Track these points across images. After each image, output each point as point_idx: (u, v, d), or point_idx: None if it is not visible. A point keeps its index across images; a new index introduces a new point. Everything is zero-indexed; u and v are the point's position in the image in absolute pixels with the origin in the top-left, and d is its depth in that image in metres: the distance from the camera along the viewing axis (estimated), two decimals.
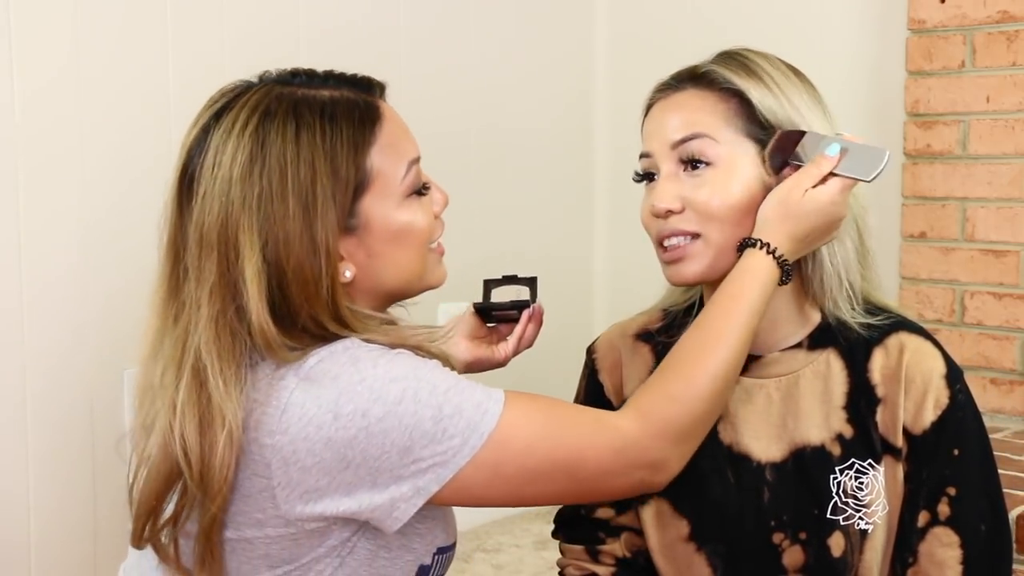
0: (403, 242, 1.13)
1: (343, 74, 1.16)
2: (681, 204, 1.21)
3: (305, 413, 1.03)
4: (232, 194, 1.06)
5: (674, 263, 1.23)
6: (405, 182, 1.13)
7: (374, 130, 1.11)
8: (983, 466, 1.25)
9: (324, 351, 1.06)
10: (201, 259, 1.07)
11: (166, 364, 1.09)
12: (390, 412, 1.03)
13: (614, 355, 1.36)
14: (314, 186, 1.06)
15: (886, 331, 1.27)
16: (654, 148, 1.24)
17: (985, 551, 1.23)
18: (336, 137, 1.08)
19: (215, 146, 1.08)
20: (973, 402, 1.26)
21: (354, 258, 1.11)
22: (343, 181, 1.08)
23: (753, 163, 1.21)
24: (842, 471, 1.25)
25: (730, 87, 1.22)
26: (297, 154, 1.06)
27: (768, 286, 1.18)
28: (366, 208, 1.10)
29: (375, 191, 1.11)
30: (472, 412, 1.06)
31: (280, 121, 1.07)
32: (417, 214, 1.14)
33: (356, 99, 1.13)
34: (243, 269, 1.05)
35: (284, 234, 1.06)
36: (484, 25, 2.55)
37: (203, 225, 1.07)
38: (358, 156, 1.09)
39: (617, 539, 1.35)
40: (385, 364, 1.05)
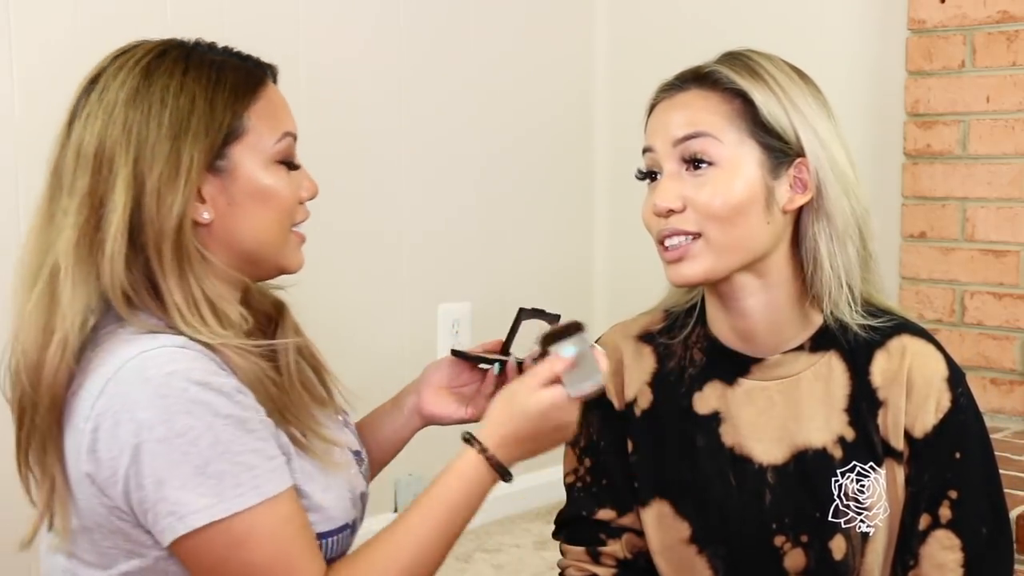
0: (264, 202, 1.17)
1: (243, 52, 1.22)
2: (683, 203, 1.21)
3: (112, 405, 1.06)
4: (114, 115, 1.12)
5: (675, 263, 1.23)
6: (276, 147, 1.17)
7: (256, 92, 1.17)
8: (985, 469, 1.25)
9: (150, 342, 1.08)
10: (76, 173, 1.12)
11: (25, 275, 1.14)
12: (168, 439, 1.05)
13: (616, 356, 1.36)
14: (190, 116, 1.12)
15: (888, 333, 1.26)
16: (657, 144, 1.24)
17: (986, 554, 1.23)
18: (219, 83, 1.14)
19: (105, 78, 1.14)
20: (975, 405, 1.26)
21: (215, 203, 1.14)
22: (217, 120, 1.13)
23: (755, 165, 1.21)
24: (843, 474, 1.25)
25: (734, 88, 1.22)
26: (180, 88, 1.12)
27: (477, 485, 1.15)
28: (236, 155, 1.15)
29: (247, 143, 1.15)
30: (230, 488, 1.06)
31: (171, 60, 1.14)
32: (282, 182, 1.18)
33: (249, 67, 1.19)
34: (113, 183, 1.10)
35: (152, 153, 1.10)
36: (484, 25, 2.55)
37: (82, 142, 1.12)
38: (236, 104, 1.14)
39: (618, 540, 1.34)
40: (193, 394, 1.06)
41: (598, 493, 1.35)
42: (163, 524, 1.06)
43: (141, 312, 1.11)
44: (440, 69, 2.46)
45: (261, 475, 1.08)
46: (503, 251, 2.64)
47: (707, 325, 1.32)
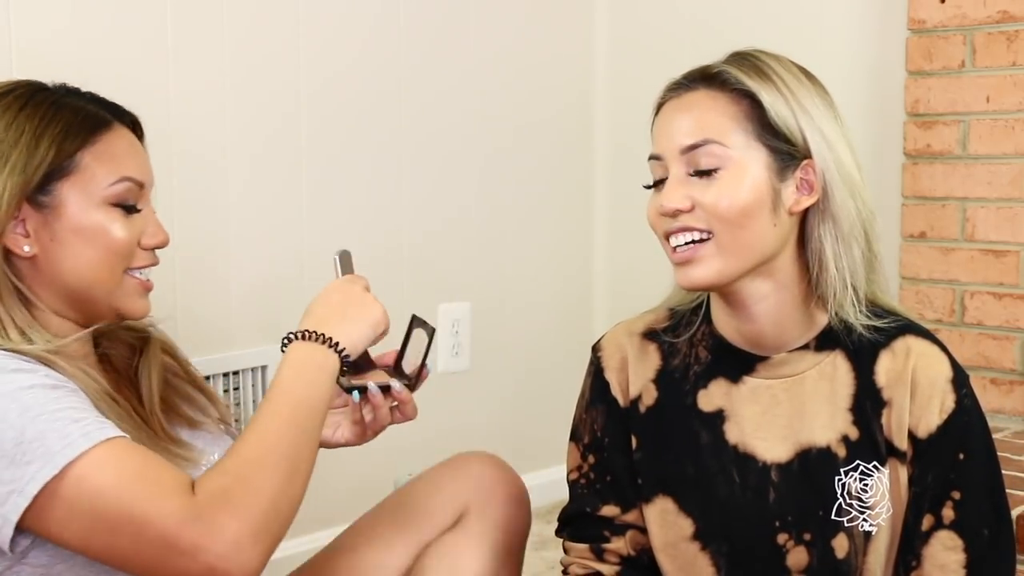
0: (89, 241, 1.18)
1: (103, 99, 1.25)
2: (690, 203, 1.21)
3: None
4: None
5: (684, 265, 1.23)
6: (111, 189, 1.19)
7: (94, 134, 1.19)
8: (987, 470, 1.25)
9: None
10: None
11: None
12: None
13: (621, 353, 1.36)
14: (11, 151, 1.15)
15: (893, 334, 1.27)
16: (664, 152, 1.24)
17: (988, 555, 1.24)
18: (51, 123, 1.17)
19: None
20: (979, 406, 1.26)
21: (39, 237, 1.17)
22: (39, 156, 1.16)
23: (762, 167, 1.21)
24: (847, 473, 1.25)
25: (742, 89, 1.22)
26: (11, 124, 1.17)
27: (304, 364, 1.19)
28: (62, 193, 1.17)
29: (75, 182, 1.17)
30: (55, 441, 1.05)
31: (12, 98, 1.19)
32: (114, 225, 1.19)
33: (92, 110, 1.22)
34: None
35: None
36: (484, 25, 2.55)
37: None
38: (64, 143, 1.17)
39: (622, 537, 1.34)
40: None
41: (602, 490, 1.35)
42: (5, 509, 1.04)
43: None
44: (440, 69, 2.46)
45: (90, 424, 1.07)
46: (503, 251, 2.64)
47: (712, 323, 1.32)
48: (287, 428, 1.13)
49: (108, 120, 1.22)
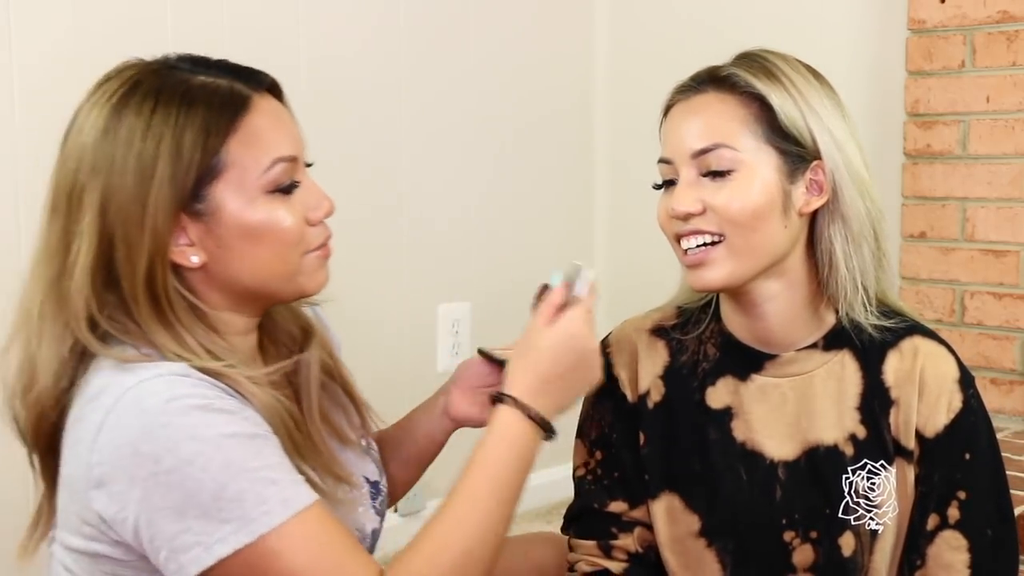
0: (259, 240, 1.10)
1: (235, 65, 1.15)
2: (702, 206, 1.21)
3: (113, 439, 1.03)
4: (83, 159, 1.08)
5: (696, 267, 1.22)
6: (265, 177, 1.10)
7: (235, 120, 1.09)
8: (992, 471, 1.26)
9: (148, 372, 1.05)
10: (50, 220, 1.10)
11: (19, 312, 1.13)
12: (178, 469, 1.00)
13: (630, 349, 1.36)
14: (155, 162, 1.06)
15: (901, 335, 1.27)
16: (674, 156, 1.24)
17: (992, 555, 1.24)
18: (189, 119, 1.08)
19: (82, 114, 1.11)
20: (984, 407, 1.27)
21: (204, 245, 1.10)
22: (185, 162, 1.07)
23: (772, 170, 1.21)
24: (854, 471, 1.25)
25: (751, 91, 1.22)
26: (147, 130, 1.07)
27: (516, 441, 1.11)
28: (217, 195, 1.09)
29: (228, 180, 1.09)
30: (253, 506, 1.01)
31: (140, 96, 1.09)
32: (278, 213, 1.11)
33: (228, 88, 1.11)
34: (80, 231, 1.07)
35: (119, 203, 1.06)
36: (484, 25, 2.55)
37: (57, 187, 1.10)
38: (208, 141, 1.08)
39: (630, 534, 1.34)
40: (196, 418, 1.02)
41: (610, 486, 1.35)
42: (187, 557, 1.01)
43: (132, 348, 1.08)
44: (440, 70, 2.46)
45: (287, 488, 1.03)
46: (503, 251, 2.64)
47: (721, 321, 1.32)
48: (493, 521, 1.09)
49: (245, 96, 1.11)
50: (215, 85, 1.11)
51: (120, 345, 1.08)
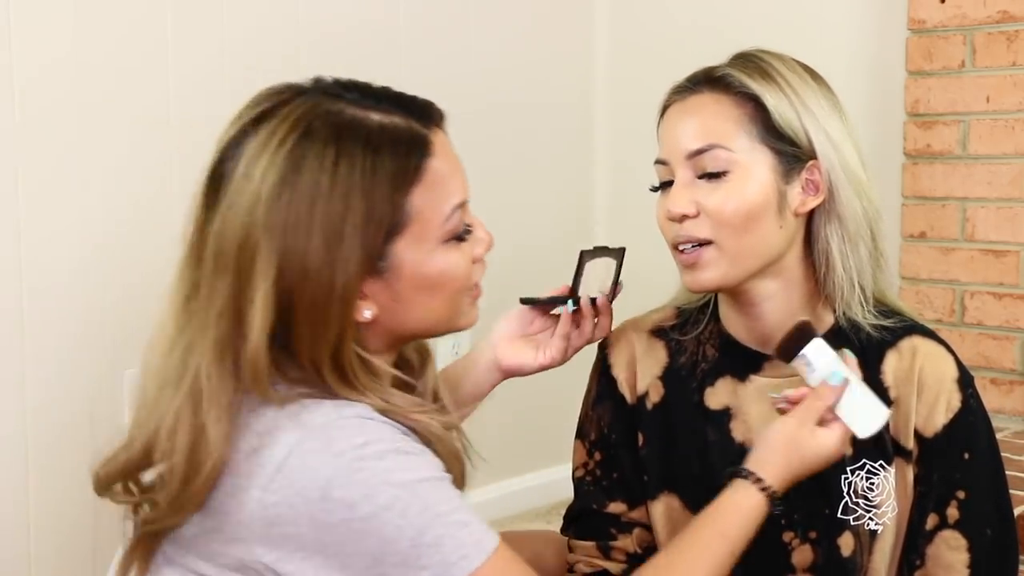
0: (434, 290, 1.06)
1: (400, 95, 1.08)
2: (696, 208, 1.21)
3: (297, 480, 0.98)
4: (256, 213, 0.99)
5: (690, 268, 1.23)
6: (446, 227, 1.05)
7: (420, 167, 1.03)
8: (992, 470, 1.26)
9: (333, 412, 1.00)
10: (215, 276, 1.02)
11: (168, 374, 1.04)
12: (375, 515, 0.97)
13: (629, 349, 1.36)
14: (343, 223, 0.99)
15: (899, 334, 1.27)
16: (670, 157, 1.24)
17: (991, 554, 1.24)
18: (376, 172, 1.00)
19: (249, 155, 1.02)
20: (983, 407, 1.27)
21: (377, 299, 1.04)
22: (376, 221, 1.00)
23: (768, 170, 1.21)
24: (853, 471, 1.25)
25: (746, 91, 1.22)
26: (332, 185, 0.99)
27: (757, 522, 1.14)
28: (399, 251, 1.03)
29: (411, 234, 1.03)
30: (452, 550, 0.98)
31: (320, 144, 1.00)
32: (453, 260, 1.06)
33: (407, 129, 1.04)
34: (253, 295, 0.99)
35: (302, 267, 0.99)
36: (484, 24, 2.55)
37: (223, 239, 1.01)
38: (396, 195, 1.01)
39: (629, 535, 1.34)
40: (391, 461, 0.99)
41: (609, 487, 1.35)
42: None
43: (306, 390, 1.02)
44: (440, 70, 2.46)
45: (477, 530, 1.01)
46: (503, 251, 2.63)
47: (720, 321, 1.32)
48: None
49: (426, 139, 1.04)
50: (395, 127, 1.04)
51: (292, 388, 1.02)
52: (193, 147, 1.98)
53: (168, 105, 1.96)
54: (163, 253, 1.86)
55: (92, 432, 1.82)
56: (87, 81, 1.83)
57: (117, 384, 1.84)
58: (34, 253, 1.76)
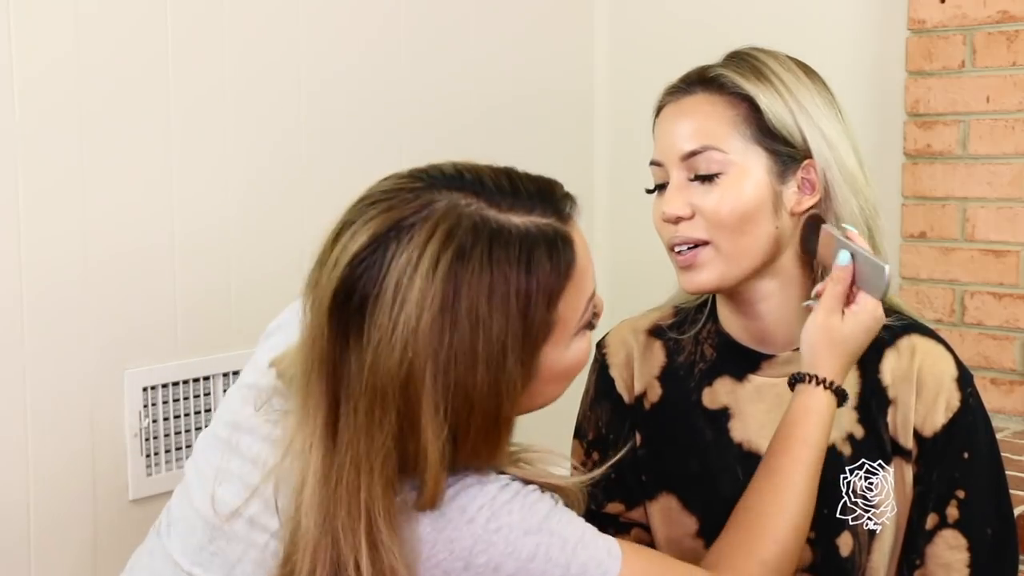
0: (561, 380, 1.04)
1: (535, 185, 1.03)
2: (691, 210, 1.21)
3: (434, 555, 0.97)
4: (417, 346, 0.93)
5: (687, 270, 1.23)
6: (582, 321, 1.02)
7: (569, 273, 0.98)
8: (992, 469, 1.26)
9: (455, 485, 0.98)
10: (374, 412, 0.95)
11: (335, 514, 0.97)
12: (523, 568, 0.98)
13: (626, 350, 1.36)
14: (504, 347, 0.94)
15: (898, 333, 1.27)
16: (664, 159, 1.24)
17: (992, 554, 1.24)
18: (530, 286, 0.95)
19: (397, 278, 0.94)
20: (983, 406, 1.27)
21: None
22: (532, 336, 0.96)
23: (763, 170, 1.21)
24: (852, 471, 1.25)
25: (739, 92, 1.22)
26: (490, 311, 0.94)
27: (831, 420, 1.17)
28: (544, 356, 0.99)
29: (555, 337, 0.99)
30: (595, 570, 1.00)
31: (476, 266, 0.94)
32: (583, 348, 1.04)
33: (552, 234, 0.98)
34: (423, 431, 0.94)
35: (468, 398, 0.95)
36: (484, 25, 2.55)
37: (379, 374, 0.94)
38: (550, 306, 0.97)
39: (627, 535, 1.34)
40: (520, 511, 0.99)
41: (606, 487, 1.35)
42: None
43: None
44: (440, 69, 2.46)
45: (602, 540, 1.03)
46: None
47: (718, 321, 1.32)
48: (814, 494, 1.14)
49: (568, 237, 0.99)
50: (540, 231, 0.98)
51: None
52: (193, 147, 1.99)
53: (168, 105, 1.96)
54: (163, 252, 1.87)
55: (92, 432, 1.82)
56: (87, 81, 1.83)
57: (117, 384, 1.84)
58: (34, 253, 1.76)
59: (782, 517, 1.12)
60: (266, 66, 2.13)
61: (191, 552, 1.11)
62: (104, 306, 1.83)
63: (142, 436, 1.85)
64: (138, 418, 1.85)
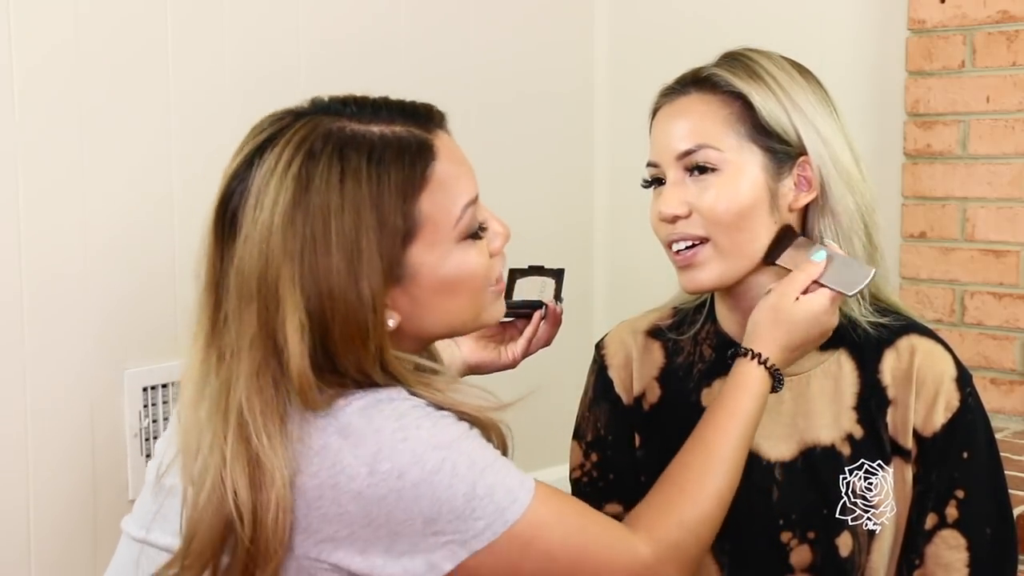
0: (453, 291, 1.07)
1: (399, 103, 1.09)
2: (688, 209, 1.22)
3: (339, 460, 1.00)
4: (273, 242, 1.00)
5: (687, 269, 1.23)
6: (458, 227, 1.06)
7: (426, 173, 1.04)
8: (991, 469, 1.26)
9: (368, 397, 1.02)
10: (241, 309, 1.02)
11: (210, 414, 1.04)
12: (426, 480, 0.99)
13: (625, 351, 1.36)
14: (359, 238, 1.00)
15: (897, 332, 1.27)
16: (660, 159, 1.25)
17: (991, 553, 1.24)
18: (383, 183, 1.01)
19: (258, 185, 1.03)
20: (982, 405, 1.27)
21: (398, 306, 1.05)
22: (390, 231, 1.01)
23: (758, 168, 1.21)
24: (851, 471, 1.25)
25: (732, 90, 1.22)
26: (341, 202, 1.00)
27: (762, 397, 1.17)
28: (414, 257, 1.04)
29: (424, 239, 1.04)
30: (503, 497, 1.02)
31: (325, 164, 1.01)
32: (470, 259, 1.08)
33: (408, 137, 1.05)
34: (284, 322, 1.00)
35: (328, 288, 1.00)
36: (484, 25, 2.55)
37: (243, 272, 1.02)
38: (406, 203, 1.02)
39: None
40: (429, 427, 1.01)
41: (604, 488, 1.35)
42: (440, 555, 1.01)
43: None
44: (440, 69, 2.46)
45: (517, 473, 1.04)
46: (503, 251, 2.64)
47: (717, 322, 1.32)
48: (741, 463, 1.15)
49: (429, 143, 1.06)
50: (396, 136, 1.05)
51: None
52: (194, 146, 1.99)
53: (168, 105, 1.96)
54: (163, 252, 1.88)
55: (92, 432, 1.82)
56: (87, 81, 1.83)
57: (117, 384, 1.84)
58: (34, 253, 1.76)
59: (703, 483, 1.12)
60: (265, 63, 2.13)
61: (142, 519, 1.16)
62: (104, 306, 1.83)
63: (142, 436, 1.85)
64: (138, 418, 1.85)
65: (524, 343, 1.38)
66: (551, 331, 1.39)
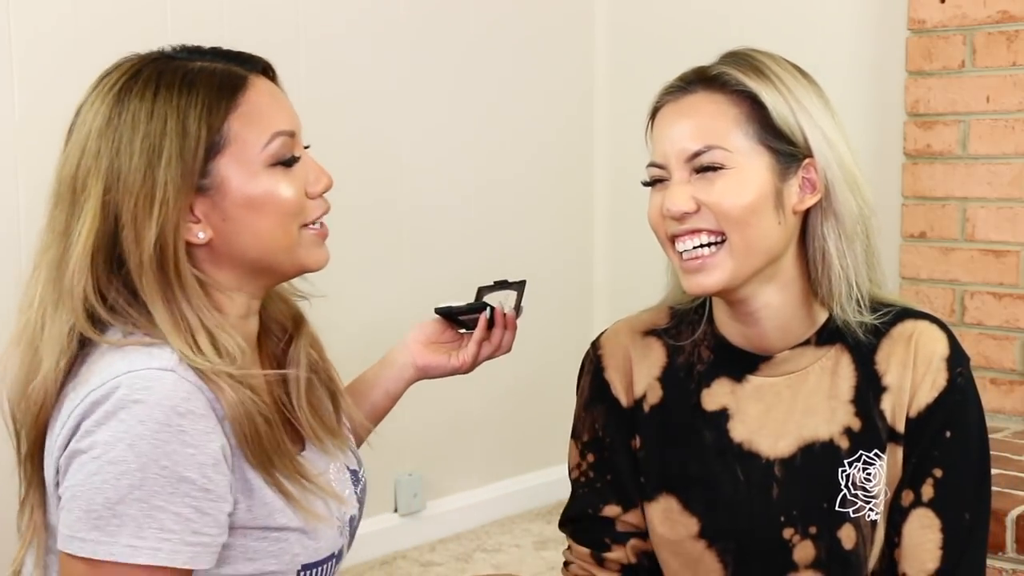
0: (260, 210, 1.14)
1: (228, 51, 1.19)
2: (696, 204, 1.20)
3: (84, 414, 1.05)
4: (88, 146, 1.11)
5: (694, 272, 1.21)
6: (266, 151, 1.14)
7: (234, 97, 1.13)
8: (975, 454, 1.24)
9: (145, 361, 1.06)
10: (55, 208, 1.12)
11: (22, 305, 1.14)
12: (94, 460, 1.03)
13: (623, 352, 1.35)
14: (162, 140, 1.09)
15: (891, 322, 1.27)
16: (666, 160, 1.23)
17: (966, 540, 1.22)
18: (191, 99, 1.11)
19: (84, 108, 1.14)
20: (974, 389, 1.26)
21: (210, 220, 1.13)
22: (192, 138, 1.10)
23: (765, 169, 1.20)
24: (850, 464, 1.25)
25: (742, 90, 1.21)
26: (151, 112, 1.10)
27: None
28: (221, 169, 1.12)
29: (231, 154, 1.12)
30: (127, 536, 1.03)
31: (142, 83, 1.12)
32: (279, 185, 1.14)
33: (224, 70, 1.15)
34: (82, 215, 1.10)
35: (126, 183, 1.09)
36: (484, 25, 2.55)
37: (61, 176, 1.13)
38: (211, 118, 1.11)
39: (623, 546, 1.34)
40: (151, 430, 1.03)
41: (602, 489, 1.34)
42: (60, 528, 1.05)
43: (136, 333, 1.09)
44: (440, 70, 2.46)
45: (171, 541, 1.04)
46: (504, 251, 2.64)
47: (714, 324, 1.32)
48: None
49: (243, 76, 1.15)
50: (212, 68, 1.15)
51: (117, 328, 1.10)
52: None
53: None
54: None
55: None
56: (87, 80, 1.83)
57: None
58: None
59: None
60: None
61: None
62: None
63: None
64: None
65: (473, 347, 1.41)
66: (507, 337, 1.43)
